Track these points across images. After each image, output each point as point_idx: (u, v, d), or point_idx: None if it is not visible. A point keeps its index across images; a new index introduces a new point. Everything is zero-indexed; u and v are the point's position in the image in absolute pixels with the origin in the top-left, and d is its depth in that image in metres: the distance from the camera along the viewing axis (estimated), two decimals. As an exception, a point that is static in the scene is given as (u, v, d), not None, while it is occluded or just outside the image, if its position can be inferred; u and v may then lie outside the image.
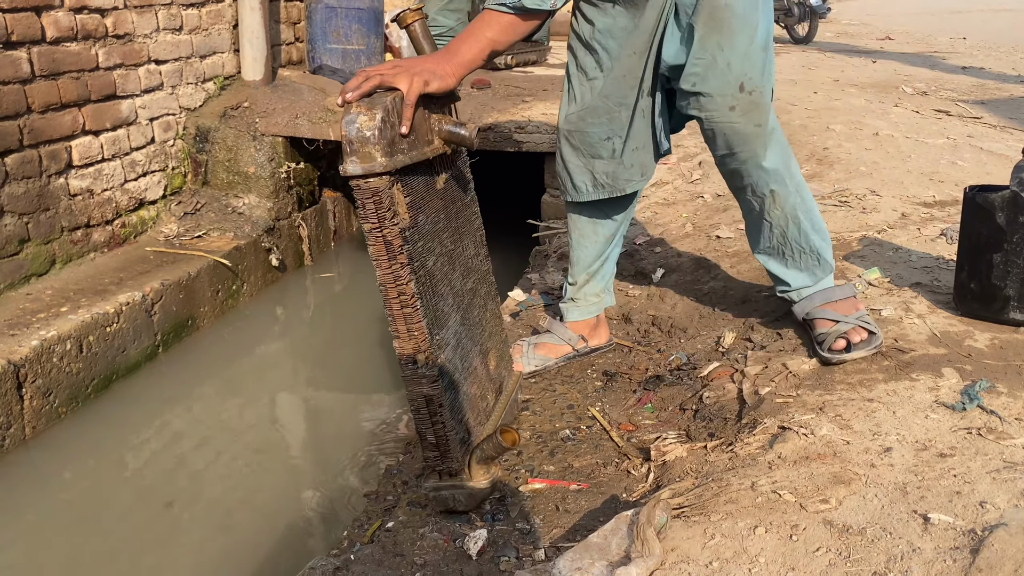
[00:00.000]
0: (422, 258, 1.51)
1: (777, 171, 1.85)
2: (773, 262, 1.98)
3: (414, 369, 1.50)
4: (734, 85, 1.74)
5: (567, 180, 2.03)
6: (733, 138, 1.81)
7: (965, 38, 8.97)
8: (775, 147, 1.84)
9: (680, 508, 1.41)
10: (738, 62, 1.73)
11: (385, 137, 1.38)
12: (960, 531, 1.22)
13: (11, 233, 2.71)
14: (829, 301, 1.90)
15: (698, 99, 1.78)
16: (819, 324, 1.88)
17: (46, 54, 2.81)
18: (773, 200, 1.88)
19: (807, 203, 1.91)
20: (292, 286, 3.68)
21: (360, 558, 1.55)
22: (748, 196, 1.92)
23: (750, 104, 1.77)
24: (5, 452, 2.29)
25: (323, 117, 3.65)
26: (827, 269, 1.95)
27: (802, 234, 1.91)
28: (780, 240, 1.93)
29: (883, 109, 4.49)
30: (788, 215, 1.89)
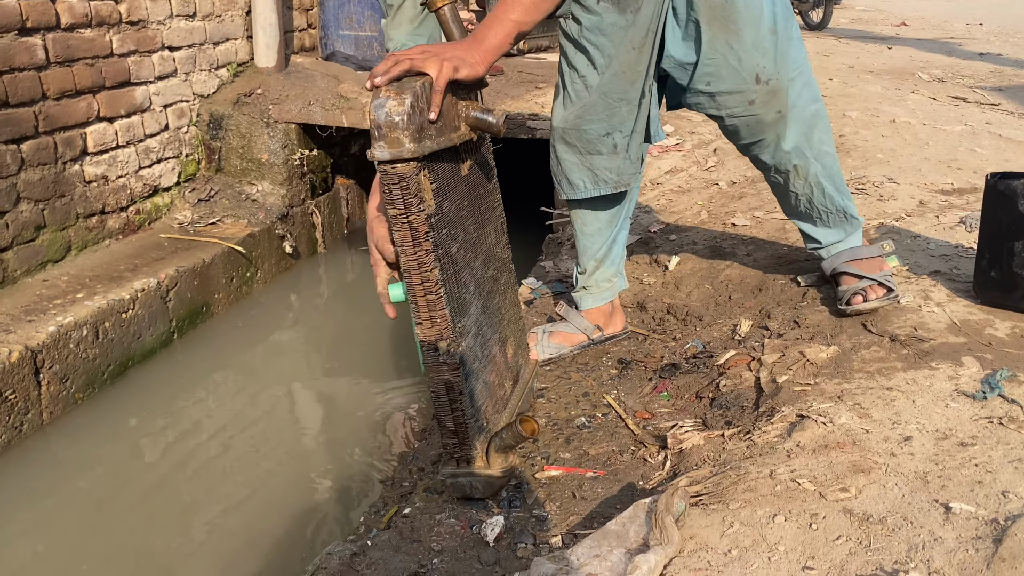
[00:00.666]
0: (446, 245, 1.50)
1: (798, 148, 1.89)
2: (804, 223, 2.07)
3: (435, 356, 1.49)
4: (749, 80, 1.75)
5: (563, 178, 2.01)
6: (757, 128, 1.84)
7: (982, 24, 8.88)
8: (795, 125, 1.85)
9: (698, 496, 1.41)
10: (748, 55, 1.73)
11: (414, 123, 1.37)
12: (982, 521, 1.21)
13: (27, 219, 2.72)
14: (855, 259, 2.00)
15: (714, 98, 1.80)
16: (844, 280, 1.99)
17: (61, 40, 2.81)
18: (796, 173, 1.94)
19: (828, 168, 1.96)
20: (305, 273, 3.69)
21: (377, 544, 1.56)
22: (772, 174, 1.99)
23: (768, 94, 1.78)
24: (23, 437, 2.31)
25: (336, 104, 3.64)
26: (855, 224, 2.03)
27: (827, 197, 1.98)
28: (807, 206, 2.01)
29: (899, 96, 4.45)
30: (812, 183, 1.96)
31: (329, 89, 3.73)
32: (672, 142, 3.77)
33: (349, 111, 3.62)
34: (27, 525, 2.08)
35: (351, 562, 1.53)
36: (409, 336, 1.64)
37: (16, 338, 2.34)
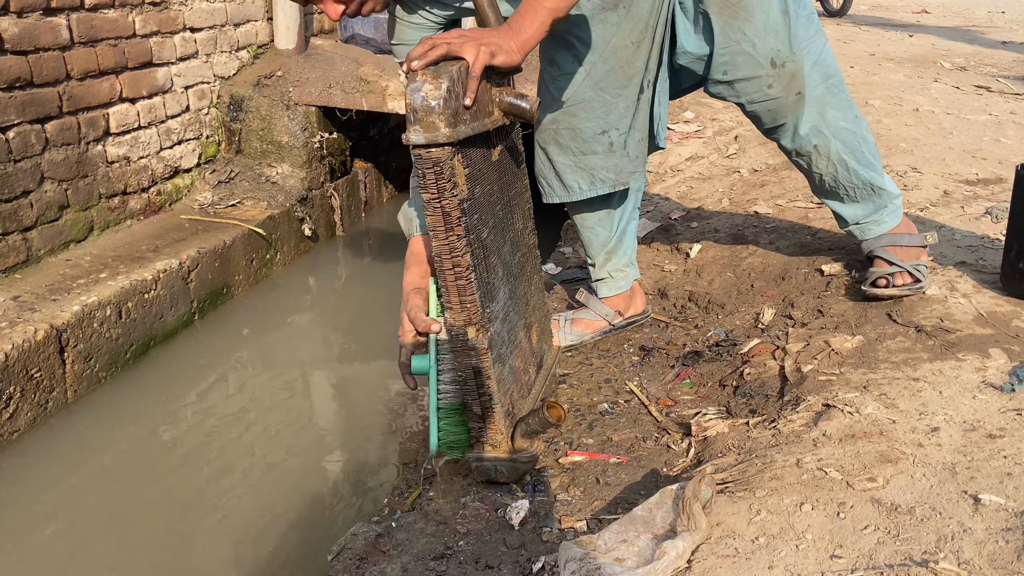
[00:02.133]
0: (477, 230, 1.50)
1: (815, 128, 1.89)
2: (832, 201, 2.05)
3: (464, 341, 1.50)
4: (765, 64, 1.74)
5: (555, 181, 1.95)
6: (778, 112, 1.84)
7: (1004, 12, 8.77)
8: (809, 106, 1.86)
9: (724, 483, 1.41)
10: (761, 40, 1.72)
11: (450, 107, 1.36)
12: (1012, 512, 1.21)
13: (51, 199, 2.73)
14: (894, 245, 1.98)
15: (732, 87, 1.79)
16: (877, 263, 1.98)
17: (84, 21, 2.82)
18: (818, 154, 1.93)
19: (850, 145, 1.93)
20: (324, 256, 3.70)
21: (402, 525, 1.57)
22: (795, 157, 1.99)
23: (786, 76, 1.77)
24: (48, 415, 2.34)
25: (356, 87, 3.64)
26: (886, 196, 1.99)
27: (851, 172, 1.96)
28: (832, 184, 1.99)
29: (922, 84, 4.41)
30: (834, 162, 1.94)
31: (349, 72, 3.72)
32: (693, 128, 3.75)
33: (369, 94, 3.62)
34: (52, 502, 2.10)
35: (376, 542, 1.55)
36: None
37: (41, 317, 2.36)
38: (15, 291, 2.49)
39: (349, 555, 1.52)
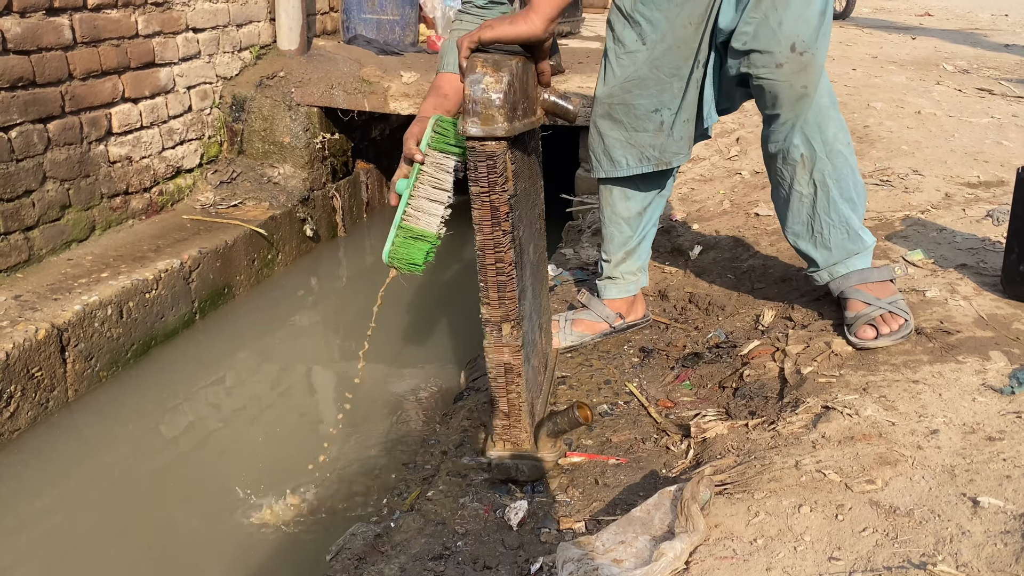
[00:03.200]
0: (517, 227, 1.53)
1: (808, 137, 1.81)
2: (803, 241, 1.92)
3: (499, 337, 1.53)
4: (785, 44, 1.69)
5: (603, 155, 1.99)
6: (779, 97, 1.75)
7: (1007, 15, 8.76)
8: (815, 112, 1.79)
9: (723, 485, 1.41)
10: (790, 22, 1.67)
11: (508, 101, 1.38)
12: (1011, 515, 1.21)
13: (53, 199, 2.74)
14: (865, 282, 1.87)
15: (748, 57, 1.72)
16: (851, 305, 1.86)
17: (87, 21, 2.83)
18: (802, 166, 1.83)
19: (839, 171, 1.84)
20: (325, 256, 3.70)
21: (401, 526, 1.57)
22: (779, 165, 1.87)
23: (799, 64, 1.70)
24: (49, 414, 2.34)
25: (358, 88, 3.64)
26: (860, 244, 1.88)
27: (831, 204, 1.85)
28: (809, 214, 1.87)
29: (924, 87, 4.40)
30: (816, 183, 1.84)
31: (351, 73, 3.73)
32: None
33: (371, 95, 3.62)
34: (52, 500, 2.11)
35: (375, 543, 1.55)
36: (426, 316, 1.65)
37: (42, 316, 2.36)
38: (17, 290, 2.50)
39: (347, 555, 1.53)
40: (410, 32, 4.39)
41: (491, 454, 1.63)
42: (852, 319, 1.83)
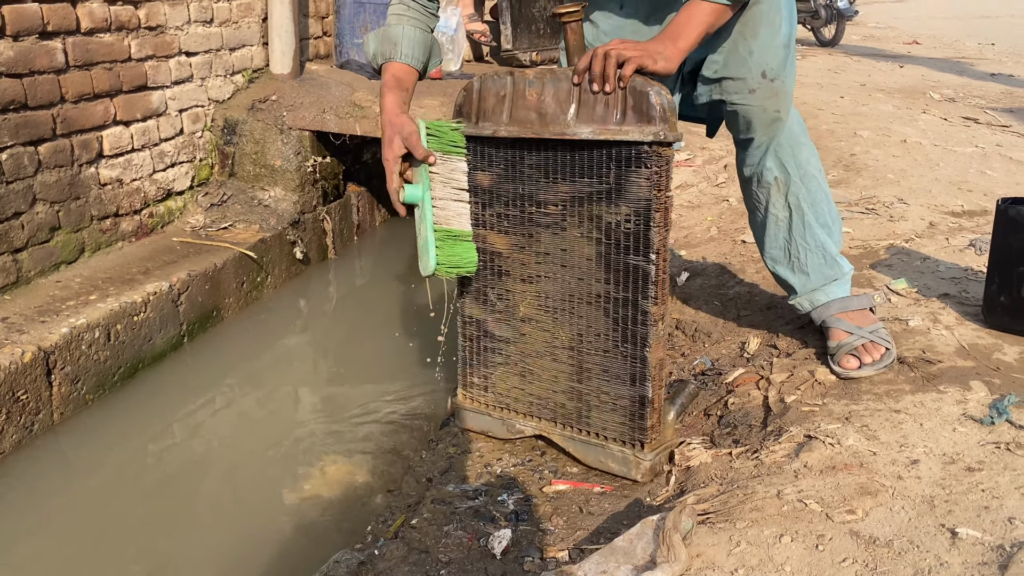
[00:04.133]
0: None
1: (781, 161, 1.85)
2: (780, 266, 1.95)
3: (656, 332, 1.66)
4: (755, 72, 1.75)
5: None
6: (752, 121, 1.81)
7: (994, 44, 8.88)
8: (787, 136, 1.84)
9: (705, 514, 1.42)
10: (759, 52, 1.74)
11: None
12: (988, 547, 1.22)
13: (42, 221, 2.74)
14: (845, 311, 1.89)
15: (720, 84, 1.78)
16: (833, 334, 1.88)
17: (80, 44, 2.84)
18: (777, 189, 1.87)
19: (814, 195, 1.88)
20: (315, 279, 3.71)
21: (384, 554, 1.57)
22: (754, 188, 1.92)
23: (771, 90, 1.77)
24: (34, 437, 2.33)
25: (350, 112, 3.67)
26: (837, 270, 1.91)
27: (806, 227, 1.88)
28: (785, 238, 1.91)
29: (911, 115, 4.46)
30: (791, 206, 1.88)
31: (343, 97, 3.75)
32: (683, 157, 3.79)
33: (363, 119, 3.65)
34: (35, 523, 2.09)
35: (358, 571, 1.54)
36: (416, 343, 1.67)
37: (29, 339, 2.36)
38: (4, 312, 2.50)
39: (331, 583, 1.52)
40: (402, 57, 4.42)
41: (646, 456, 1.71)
42: (835, 348, 1.85)
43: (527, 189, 1.75)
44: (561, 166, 1.70)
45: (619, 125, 1.60)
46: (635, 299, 1.66)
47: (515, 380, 1.87)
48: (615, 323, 1.70)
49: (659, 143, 1.58)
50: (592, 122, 1.62)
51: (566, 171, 1.69)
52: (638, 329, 1.67)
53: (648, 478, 1.70)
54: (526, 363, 1.84)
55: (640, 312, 1.66)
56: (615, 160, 1.62)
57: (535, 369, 1.83)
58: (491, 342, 1.89)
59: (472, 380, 1.95)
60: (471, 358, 1.94)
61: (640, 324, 1.67)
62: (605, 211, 1.66)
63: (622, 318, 1.69)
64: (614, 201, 1.64)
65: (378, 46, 1.79)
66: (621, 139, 1.59)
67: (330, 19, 4.33)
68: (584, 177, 1.67)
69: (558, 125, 1.66)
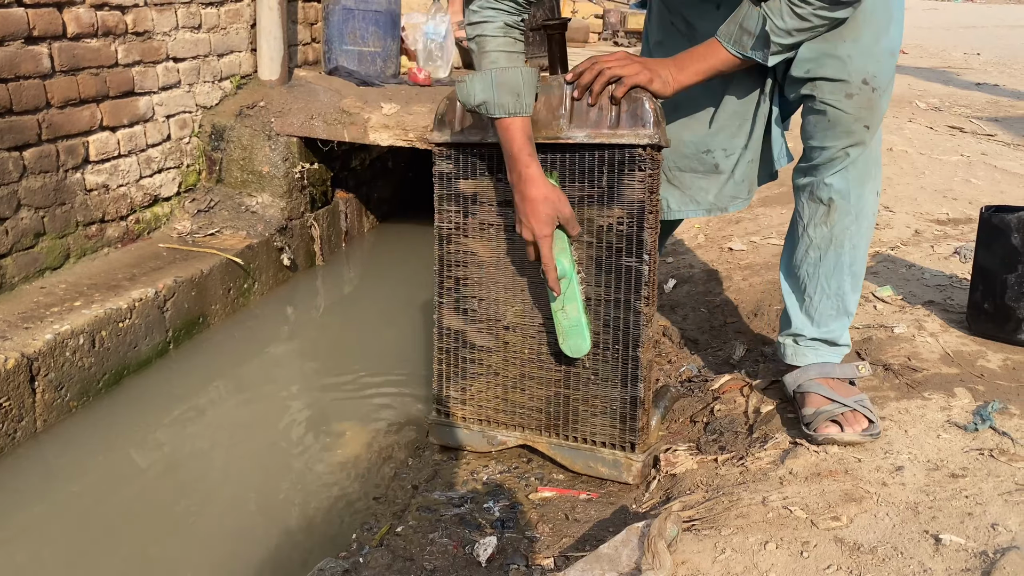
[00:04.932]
0: None
1: (850, 185, 1.64)
2: (790, 296, 1.77)
3: (647, 333, 1.69)
4: (855, 77, 1.55)
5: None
6: (838, 128, 1.59)
7: (979, 54, 8.96)
8: (864, 160, 1.63)
9: (691, 521, 1.42)
10: (860, 57, 1.55)
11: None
12: (972, 553, 1.22)
13: (27, 226, 2.72)
14: (826, 377, 1.70)
15: (814, 83, 1.58)
16: (810, 399, 1.66)
17: (66, 50, 2.83)
18: (828, 213, 1.66)
19: (860, 239, 1.69)
20: (303, 286, 3.69)
21: (369, 561, 1.56)
22: (804, 199, 1.70)
23: (868, 101, 1.57)
24: (16, 444, 2.31)
25: (338, 118, 3.66)
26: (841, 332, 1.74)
27: (836, 268, 1.69)
28: (811, 270, 1.71)
29: (897, 124, 4.49)
30: (834, 237, 1.67)
31: (331, 103, 3.75)
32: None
33: (351, 126, 3.64)
34: (17, 531, 2.07)
35: (343, 579, 1.53)
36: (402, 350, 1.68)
37: (12, 345, 2.34)
38: (-13, 318, 2.48)
39: (315, 591, 1.51)
40: (391, 64, 4.43)
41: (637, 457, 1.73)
42: (811, 416, 1.63)
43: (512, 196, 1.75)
44: (551, 171, 1.70)
45: (613, 129, 1.62)
46: (627, 299, 1.67)
47: (497, 391, 1.86)
48: (606, 325, 1.70)
49: (653, 146, 1.61)
50: (586, 126, 1.64)
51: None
52: (630, 330, 1.68)
53: (638, 480, 1.69)
54: (509, 372, 1.83)
55: (633, 312, 1.67)
56: (608, 163, 1.64)
57: (519, 378, 1.83)
58: (471, 352, 1.87)
59: (449, 393, 1.92)
60: (448, 371, 1.91)
61: (632, 325, 1.68)
62: (597, 214, 1.67)
63: (614, 319, 1.69)
64: (607, 204, 1.66)
65: (494, 96, 1.57)
66: (616, 142, 1.61)
67: (319, 25, 4.33)
68: (576, 181, 1.68)
69: (551, 130, 1.67)
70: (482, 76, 1.58)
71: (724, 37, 1.56)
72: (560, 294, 1.66)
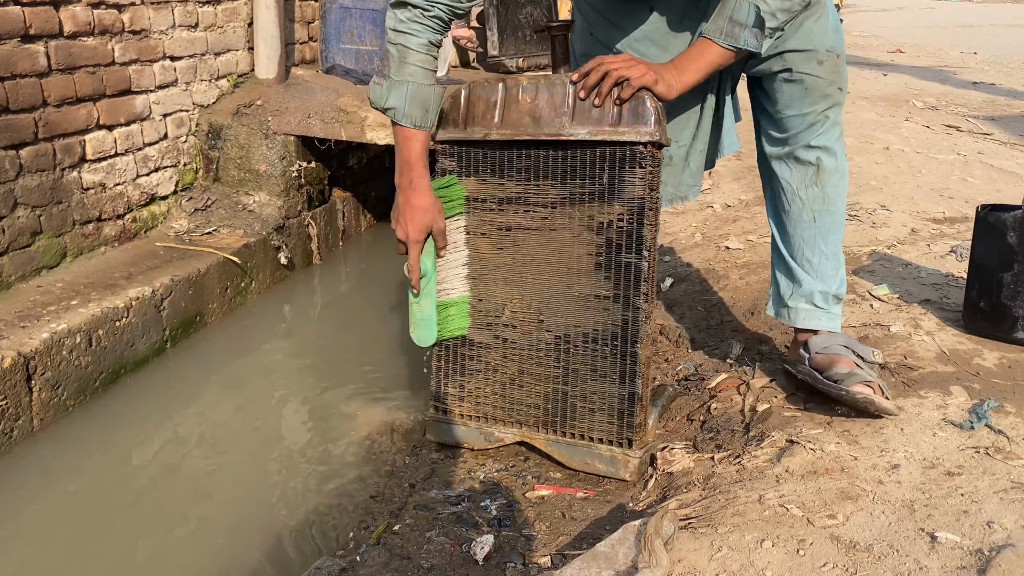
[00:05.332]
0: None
1: (834, 145, 1.74)
2: (793, 262, 1.80)
3: (646, 329, 1.69)
4: (820, 45, 1.67)
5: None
6: (814, 93, 1.69)
7: (976, 53, 8.98)
8: (839, 122, 1.74)
9: (687, 519, 1.42)
10: (821, 31, 1.67)
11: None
12: (967, 551, 1.22)
13: (24, 225, 2.72)
14: (850, 347, 1.75)
15: (783, 56, 1.68)
16: (841, 360, 1.71)
17: (63, 48, 2.83)
18: (817, 173, 1.73)
19: (844, 196, 1.78)
20: (300, 285, 3.69)
21: (366, 560, 1.56)
22: (790, 165, 1.76)
23: (835, 66, 1.69)
24: (13, 443, 2.31)
25: (335, 117, 3.66)
26: (840, 286, 1.80)
27: (832, 226, 1.76)
28: (809, 230, 1.77)
29: (894, 123, 4.49)
30: (827, 196, 1.74)
31: (329, 102, 3.74)
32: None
33: (348, 124, 3.64)
34: (14, 531, 2.07)
35: (340, 577, 1.53)
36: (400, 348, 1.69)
37: (9, 344, 2.34)
38: (-16, 317, 2.47)
39: (312, 589, 1.51)
40: (388, 62, 4.42)
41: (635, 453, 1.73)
42: (844, 375, 1.66)
43: (515, 192, 1.76)
44: (553, 168, 1.71)
45: (614, 127, 1.63)
46: (627, 296, 1.68)
47: (495, 387, 1.86)
48: (605, 321, 1.70)
49: (654, 144, 1.62)
50: (587, 124, 1.65)
51: (558, 173, 1.71)
52: (629, 326, 1.68)
53: (635, 477, 1.70)
54: (507, 368, 1.84)
55: (632, 309, 1.68)
56: (610, 160, 1.65)
57: (517, 374, 1.83)
58: (469, 349, 1.88)
59: (447, 390, 1.92)
60: (446, 368, 1.92)
61: (631, 321, 1.68)
62: (598, 211, 1.68)
63: (612, 315, 1.70)
64: (607, 201, 1.67)
65: (405, 106, 1.68)
66: (617, 140, 1.63)
67: (316, 24, 4.32)
68: (577, 178, 1.69)
69: (553, 127, 1.68)
70: (399, 85, 1.69)
71: (714, 34, 1.60)
72: (419, 292, 1.80)
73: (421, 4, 1.64)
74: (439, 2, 1.64)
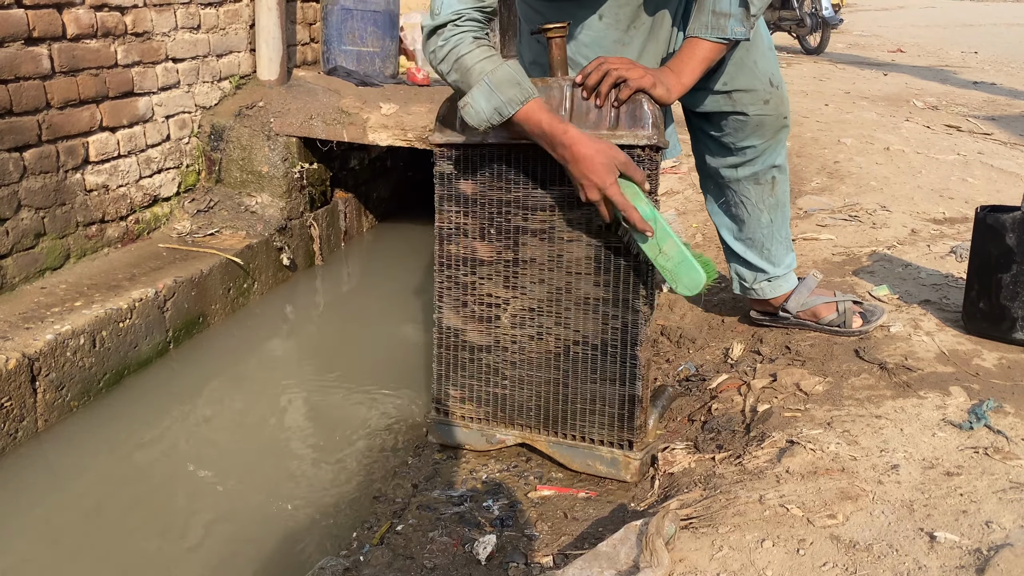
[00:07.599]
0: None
1: (783, 160, 1.98)
2: (756, 250, 2.06)
3: (645, 331, 1.71)
4: (764, 81, 1.84)
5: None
6: (764, 128, 1.89)
7: (976, 52, 8.98)
8: (783, 142, 1.96)
9: (688, 519, 1.43)
10: (763, 60, 1.83)
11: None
12: (966, 550, 1.23)
13: (27, 227, 2.73)
14: (812, 288, 2.08)
15: (730, 96, 1.84)
16: (824, 308, 2.05)
17: (66, 50, 2.84)
18: (771, 186, 1.98)
19: (787, 193, 2.05)
20: (302, 285, 3.71)
21: (369, 560, 1.58)
22: (748, 185, 1.98)
23: (779, 98, 1.88)
24: (17, 444, 2.32)
25: (337, 118, 3.67)
26: (790, 260, 2.09)
27: (784, 220, 2.03)
28: (768, 225, 2.02)
29: (894, 123, 4.50)
30: (778, 200, 2.01)
31: (330, 103, 3.76)
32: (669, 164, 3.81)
33: (350, 126, 3.65)
34: (19, 531, 2.08)
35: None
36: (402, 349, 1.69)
37: (13, 345, 2.35)
38: (-12, 319, 2.49)
39: (316, 589, 1.53)
40: (390, 64, 4.44)
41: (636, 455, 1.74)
42: (839, 318, 2.02)
43: (514, 196, 1.77)
44: (551, 171, 1.72)
45: (612, 130, 1.64)
46: (626, 298, 1.69)
47: (496, 389, 1.87)
48: (605, 324, 1.71)
49: (651, 147, 1.63)
50: (585, 127, 1.65)
51: (556, 176, 1.72)
52: (629, 328, 1.69)
53: (636, 478, 1.71)
54: (509, 371, 1.85)
55: (631, 311, 1.69)
56: None
57: (518, 376, 1.84)
58: (470, 352, 1.89)
59: (448, 392, 1.94)
60: (448, 370, 1.93)
61: (631, 323, 1.69)
62: (596, 213, 1.69)
63: (612, 318, 1.71)
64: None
65: (500, 97, 1.58)
66: (616, 143, 1.63)
67: (317, 26, 4.34)
68: None
69: None
70: (479, 88, 1.57)
71: (700, 31, 1.67)
72: (653, 235, 1.59)
73: (450, 18, 1.59)
74: (466, 8, 1.59)
